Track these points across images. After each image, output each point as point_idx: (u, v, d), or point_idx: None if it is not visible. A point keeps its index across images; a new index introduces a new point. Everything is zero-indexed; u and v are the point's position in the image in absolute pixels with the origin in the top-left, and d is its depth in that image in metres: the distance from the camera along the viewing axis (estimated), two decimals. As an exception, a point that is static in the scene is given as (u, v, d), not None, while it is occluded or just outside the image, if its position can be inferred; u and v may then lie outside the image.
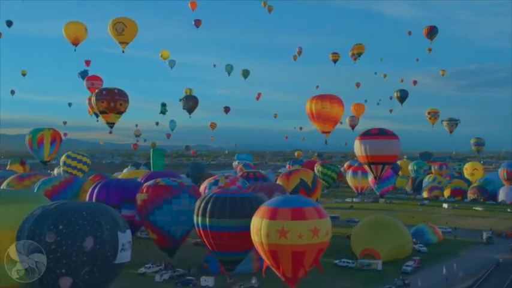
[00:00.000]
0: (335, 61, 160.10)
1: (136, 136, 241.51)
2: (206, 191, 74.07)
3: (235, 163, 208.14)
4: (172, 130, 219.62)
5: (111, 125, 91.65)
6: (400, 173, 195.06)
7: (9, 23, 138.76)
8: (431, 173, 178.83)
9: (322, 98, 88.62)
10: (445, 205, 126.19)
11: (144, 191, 60.78)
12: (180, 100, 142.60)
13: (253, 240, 47.01)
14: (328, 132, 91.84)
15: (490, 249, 76.19)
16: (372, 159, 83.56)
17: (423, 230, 79.40)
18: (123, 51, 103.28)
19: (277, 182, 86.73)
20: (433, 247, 75.61)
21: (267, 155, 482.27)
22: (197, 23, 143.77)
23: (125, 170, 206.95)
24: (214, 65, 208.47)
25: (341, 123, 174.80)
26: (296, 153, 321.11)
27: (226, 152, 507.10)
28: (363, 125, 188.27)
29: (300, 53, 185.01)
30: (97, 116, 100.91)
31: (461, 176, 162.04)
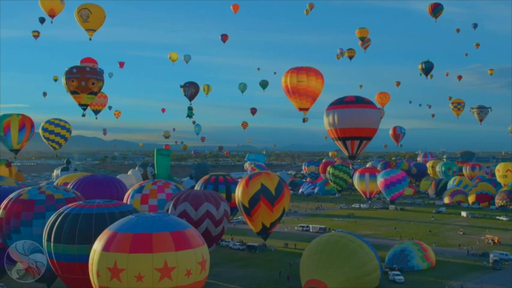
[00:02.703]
0: (351, 57, 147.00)
1: (166, 137, 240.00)
2: (129, 200, 60.28)
3: (246, 164, 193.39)
4: (197, 134, 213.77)
5: (83, 107, 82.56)
6: (430, 173, 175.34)
7: (41, 20, 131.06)
8: (461, 175, 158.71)
9: (298, 70, 76.63)
10: (463, 213, 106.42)
11: (3, 207, 46.13)
12: (181, 87, 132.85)
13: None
14: (306, 110, 79.55)
15: (495, 278, 57.87)
16: (346, 133, 69.07)
17: (408, 252, 61.39)
18: (90, 39, 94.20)
19: (237, 188, 71.57)
20: (418, 275, 58.07)
21: (303, 155, 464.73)
22: (224, 37, 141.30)
23: (129, 172, 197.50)
24: (258, 69, 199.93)
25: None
26: (330, 154, 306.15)
27: (264, 152, 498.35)
28: (396, 124, 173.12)
29: (343, 53, 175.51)
30: (84, 109, 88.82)
31: (492, 178, 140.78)
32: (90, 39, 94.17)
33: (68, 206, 39.91)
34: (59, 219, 37.82)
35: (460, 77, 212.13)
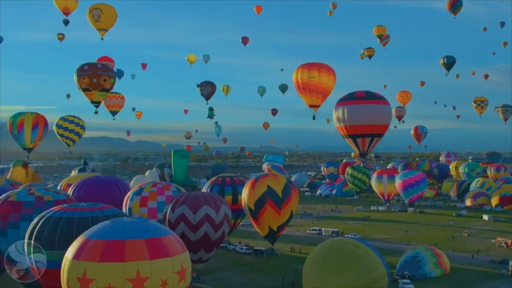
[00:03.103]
0: (370, 56, 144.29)
1: (187, 138, 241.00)
2: (128, 203, 58.45)
3: (264, 165, 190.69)
4: (218, 135, 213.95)
5: (96, 104, 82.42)
6: (453, 174, 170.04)
7: (65, 22, 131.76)
8: (486, 176, 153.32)
9: (309, 66, 74.55)
10: (485, 217, 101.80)
11: (-11, 208, 44.54)
12: (198, 86, 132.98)
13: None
14: (317, 107, 77.24)
15: (514, 286, 54.21)
16: (357, 129, 66.93)
17: (421, 258, 57.94)
18: (102, 39, 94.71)
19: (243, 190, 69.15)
20: (431, 283, 54.69)
21: (325, 156, 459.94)
22: (245, 40, 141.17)
23: (147, 173, 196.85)
24: (282, 70, 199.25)
25: (402, 121, 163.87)
26: (352, 154, 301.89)
27: (286, 153, 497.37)
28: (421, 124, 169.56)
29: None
30: (96, 106, 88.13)
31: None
32: (102, 38, 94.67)
33: (51, 209, 38.02)
34: (40, 223, 36.02)
35: (486, 76, 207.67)
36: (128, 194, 59.69)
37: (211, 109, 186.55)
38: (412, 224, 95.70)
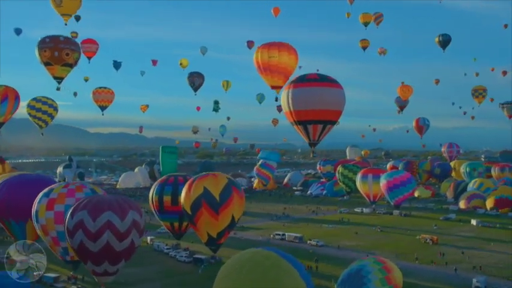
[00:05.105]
0: (364, 48, 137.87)
1: (194, 133, 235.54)
2: (36, 205, 51.92)
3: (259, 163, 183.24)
4: (222, 135, 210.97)
5: (58, 80, 77.25)
6: (453, 175, 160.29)
7: (77, 18, 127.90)
8: (490, 176, 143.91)
9: (269, 45, 70.35)
10: (473, 221, 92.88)
11: None
12: (188, 78, 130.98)
13: None
14: (279, 88, 71.39)
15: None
16: (309, 115, 59.90)
17: (365, 274, 49.87)
18: (65, 24, 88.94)
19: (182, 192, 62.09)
20: (372, 303, 46.81)
21: (334, 153, 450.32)
22: (250, 44, 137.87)
23: (136, 169, 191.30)
24: (300, 67, 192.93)
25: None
26: (363, 152, 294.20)
27: (299, 150, 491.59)
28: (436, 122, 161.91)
29: (383, 52, 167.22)
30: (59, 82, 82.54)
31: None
32: (66, 24, 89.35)
33: None
34: None
35: (505, 73, 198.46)
36: (39, 195, 53.05)
37: (216, 102, 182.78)
38: (390, 229, 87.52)
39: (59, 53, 73.46)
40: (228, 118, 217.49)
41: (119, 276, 49.56)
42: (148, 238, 77.16)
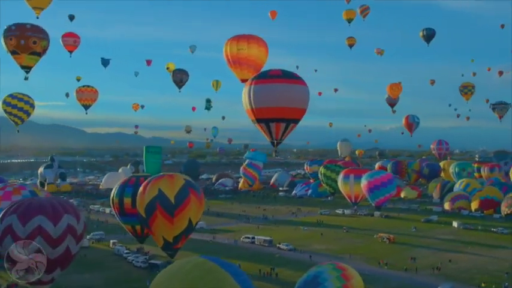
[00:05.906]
0: (351, 46, 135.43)
1: (187, 132, 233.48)
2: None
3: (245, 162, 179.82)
4: (214, 137, 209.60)
5: (26, 69, 74.56)
6: (442, 175, 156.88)
7: (71, 17, 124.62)
8: (480, 177, 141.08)
9: (238, 38, 69.54)
10: (454, 224, 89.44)
11: None
12: (173, 74, 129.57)
13: None
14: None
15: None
16: (271, 113, 56.39)
17: (322, 281, 46.37)
18: (37, 17, 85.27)
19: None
20: (326, 313, 43.41)
21: (330, 153, 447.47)
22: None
23: (120, 169, 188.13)
24: (297, 67, 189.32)
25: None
26: (357, 152, 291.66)
27: (295, 150, 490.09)
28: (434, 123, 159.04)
29: (380, 52, 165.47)
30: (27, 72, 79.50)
31: (507, 182, 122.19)
32: (37, 17, 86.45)
33: None
34: None
35: (501, 73, 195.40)
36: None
37: (208, 101, 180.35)
38: (366, 231, 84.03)
39: (25, 41, 71.00)
40: (223, 117, 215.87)
41: (58, 284, 46.23)
42: (111, 241, 73.88)
